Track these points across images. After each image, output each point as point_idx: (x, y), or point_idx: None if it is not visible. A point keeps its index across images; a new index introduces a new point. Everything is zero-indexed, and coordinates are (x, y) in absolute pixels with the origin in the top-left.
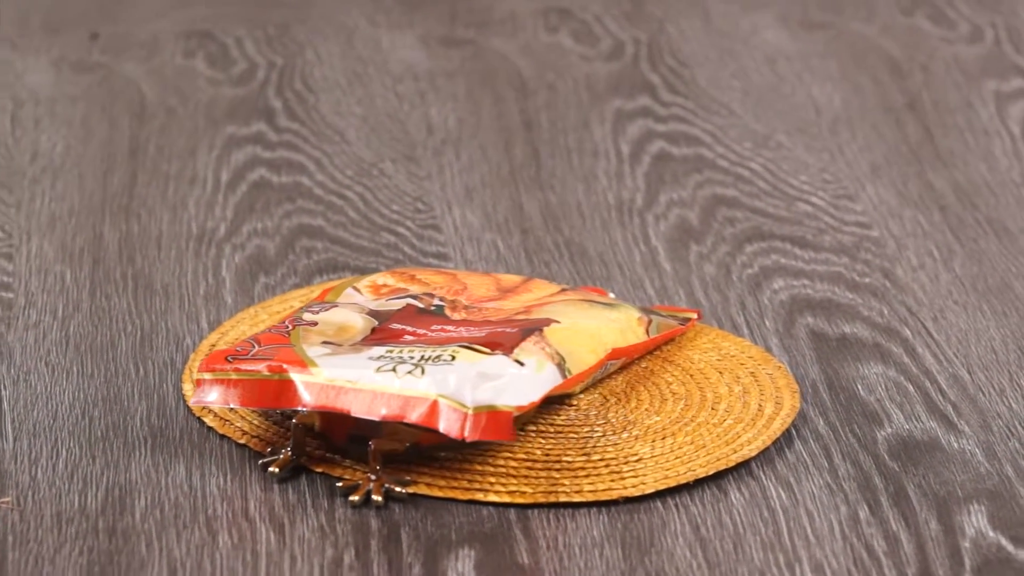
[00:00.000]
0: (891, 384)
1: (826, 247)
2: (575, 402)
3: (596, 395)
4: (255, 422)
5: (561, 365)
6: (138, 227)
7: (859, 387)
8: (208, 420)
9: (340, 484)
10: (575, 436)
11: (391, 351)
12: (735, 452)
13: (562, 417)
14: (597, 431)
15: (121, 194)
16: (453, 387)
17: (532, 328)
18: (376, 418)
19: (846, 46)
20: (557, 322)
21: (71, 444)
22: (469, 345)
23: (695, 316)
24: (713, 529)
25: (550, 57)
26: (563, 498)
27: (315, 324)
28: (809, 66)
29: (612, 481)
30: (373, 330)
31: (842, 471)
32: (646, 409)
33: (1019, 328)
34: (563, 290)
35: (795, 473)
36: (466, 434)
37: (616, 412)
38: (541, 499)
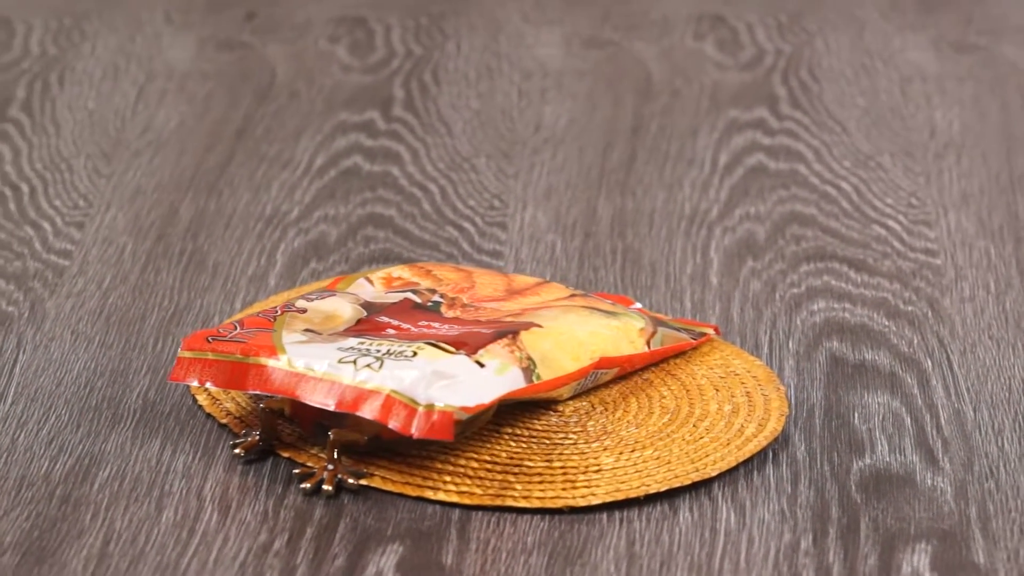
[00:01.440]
0: (889, 415)
1: (882, 272)
2: (560, 408)
3: (585, 402)
4: (243, 404)
5: (529, 369)
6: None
7: (855, 415)
8: (200, 399)
9: (297, 471)
10: (547, 442)
11: (363, 343)
12: (696, 471)
13: (541, 422)
14: (571, 438)
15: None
16: (407, 383)
17: (508, 331)
18: (330, 408)
19: (989, 71)
20: (539, 327)
21: (62, 412)
22: (435, 343)
23: (711, 332)
24: (648, 547)
25: (685, 63)
26: (509, 502)
27: (304, 311)
28: (942, 88)
29: (563, 489)
30: (359, 321)
31: (802, 499)
32: (629, 420)
33: None
34: (573, 295)
35: (753, 497)
36: (413, 431)
37: (597, 421)
38: (488, 501)
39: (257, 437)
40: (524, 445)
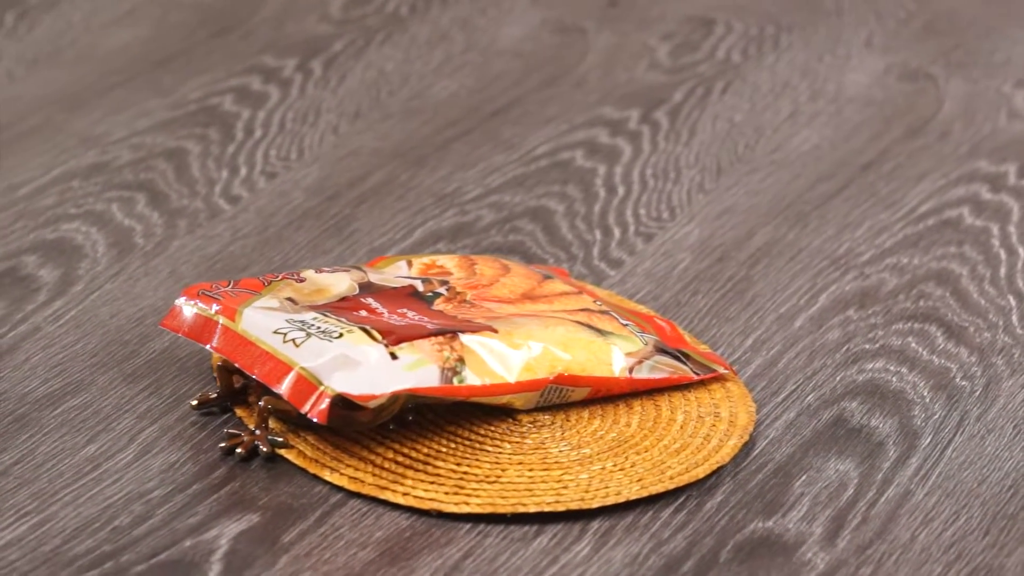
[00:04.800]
0: (834, 485)
1: (972, 343)
2: (519, 418)
3: (549, 416)
4: None
5: (452, 371)
6: None
7: (803, 477)
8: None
9: (226, 430)
10: (476, 447)
11: (315, 319)
12: (581, 500)
13: (488, 428)
14: (504, 448)
15: None
16: (317, 363)
17: (453, 329)
18: (254, 376)
19: None
20: (493, 331)
21: (75, 345)
22: (368, 328)
23: (721, 371)
24: (478, 565)
25: (979, 104)
26: (387, 496)
27: (302, 280)
28: None
29: (446, 494)
30: (343, 298)
31: (668, 548)
32: (576, 440)
33: None
34: (583, 310)
35: (624, 536)
36: (306, 409)
37: (543, 435)
38: (369, 492)
39: (209, 392)
40: (451, 447)
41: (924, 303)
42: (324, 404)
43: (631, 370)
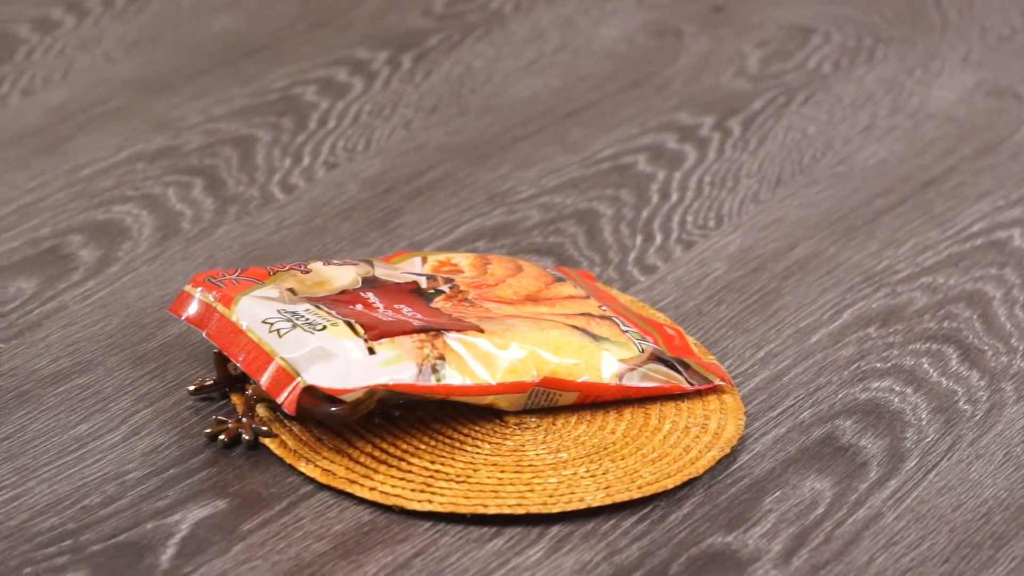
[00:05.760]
0: (805, 504)
1: (987, 367)
2: (506, 419)
3: (535, 419)
4: None
5: (432, 369)
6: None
7: (775, 494)
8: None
9: (215, 416)
10: (455, 446)
11: (308, 311)
12: (543, 505)
13: (473, 428)
14: (482, 448)
15: None
16: (296, 354)
17: (437, 327)
18: (239, 364)
19: None
20: (480, 331)
21: (95, 326)
22: (352, 322)
23: (718, 382)
24: (427, 564)
25: None
26: (355, 490)
27: (308, 272)
28: None
29: (412, 491)
30: (343, 292)
31: (621, 557)
32: (557, 443)
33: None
34: (583, 315)
35: (580, 543)
36: (280, 399)
37: (527, 437)
38: (339, 485)
39: (209, 380)
40: (430, 445)
41: (948, 324)
42: (290, 391)
43: (621, 377)
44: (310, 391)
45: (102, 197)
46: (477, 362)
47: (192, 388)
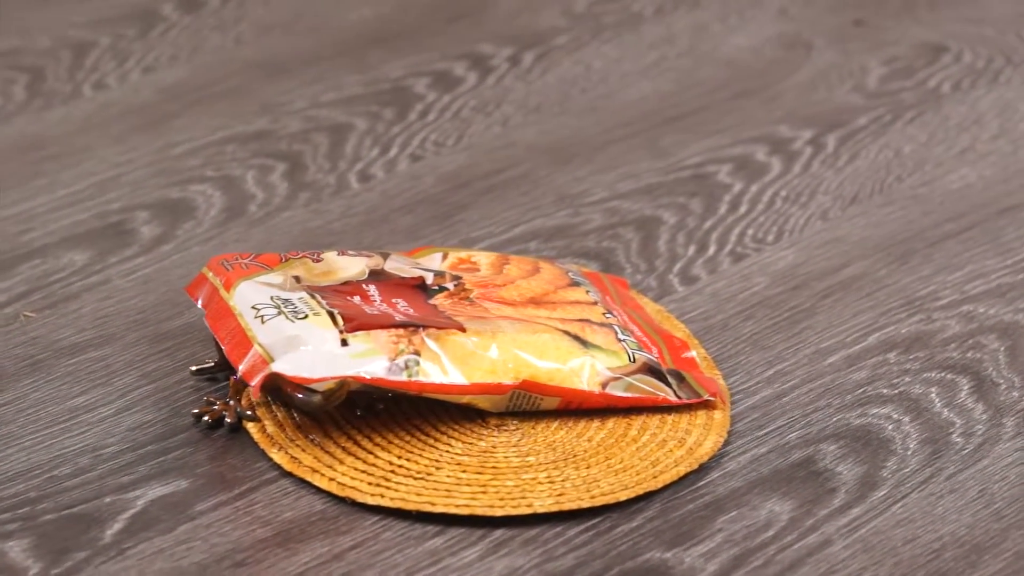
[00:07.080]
0: (757, 526)
1: (996, 402)
2: (487, 420)
3: (517, 420)
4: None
5: (404, 366)
6: None
7: (728, 515)
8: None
9: (206, 397)
10: (426, 444)
11: (301, 299)
12: (491, 507)
13: (451, 427)
14: (454, 447)
15: None
16: (272, 340)
17: (415, 324)
18: (225, 348)
19: None
20: (461, 330)
21: (129, 301)
22: (333, 312)
23: (707, 398)
24: (359, 557)
25: None
26: (316, 479)
27: (319, 261)
28: None
29: (368, 485)
30: (346, 282)
31: (554, 565)
32: (529, 447)
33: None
34: (581, 320)
35: (519, 546)
36: (253, 383)
37: (502, 439)
38: (301, 473)
39: (210, 361)
40: (402, 440)
41: (972, 354)
42: (259, 376)
43: (606, 385)
44: (285, 378)
45: (182, 176)
46: (454, 361)
47: (194, 368)
